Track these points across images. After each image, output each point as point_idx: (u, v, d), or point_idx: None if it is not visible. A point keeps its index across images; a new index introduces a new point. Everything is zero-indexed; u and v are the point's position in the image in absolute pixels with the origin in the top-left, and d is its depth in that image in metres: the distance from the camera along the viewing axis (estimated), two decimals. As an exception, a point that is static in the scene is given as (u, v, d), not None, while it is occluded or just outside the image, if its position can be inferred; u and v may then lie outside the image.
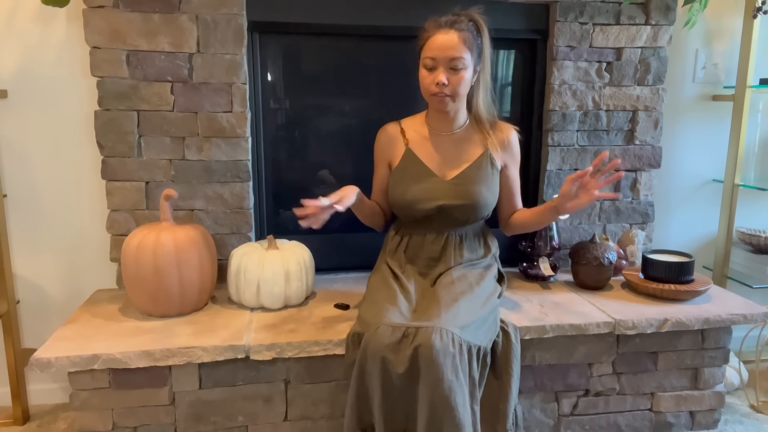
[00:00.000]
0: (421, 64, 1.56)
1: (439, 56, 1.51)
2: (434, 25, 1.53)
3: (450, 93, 1.54)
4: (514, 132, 1.70)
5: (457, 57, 1.50)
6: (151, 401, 1.50)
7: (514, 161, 1.71)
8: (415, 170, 1.63)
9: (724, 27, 2.17)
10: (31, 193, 1.86)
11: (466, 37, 1.51)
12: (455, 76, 1.52)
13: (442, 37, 1.50)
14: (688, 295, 1.77)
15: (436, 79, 1.52)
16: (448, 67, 1.51)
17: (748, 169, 2.24)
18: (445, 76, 1.51)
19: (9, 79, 1.78)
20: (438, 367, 1.26)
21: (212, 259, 1.71)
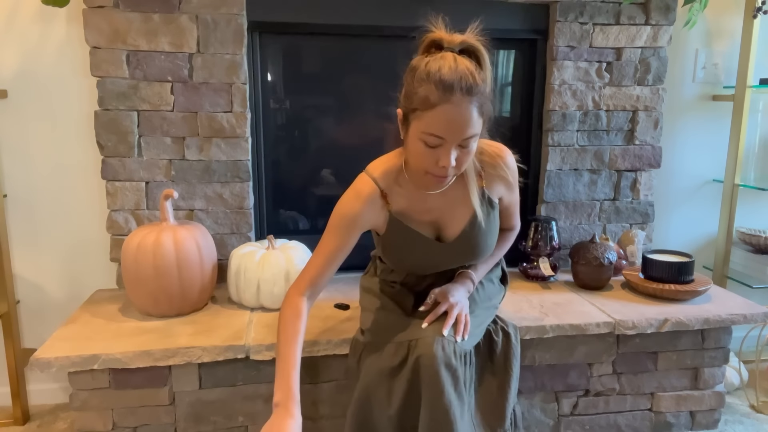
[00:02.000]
0: (416, 136, 1.16)
1: (450, 136, 1.14)
2: (445, 86, 1.11)
3: (454, 173, 1.23)
4: (508, 156, 1.37)
5: (471, 136, 1.15)
6: (151, 401, 1.50)
7: (513, 187, 1.41)
8: (406, 237, 1.35)
9: (724, 27, 2.17)
10: (31, 193, 1.86)
11: (482, 104, 1.15)
12: (464, 152, 1.18)
13: (455, 111, 1.11)
14: (688, 295, 1.77)
15: (443, 162, 1.16)
16: (458, 145, 1.16)
17: (748, 169, 2.24)
18: (453, 157, 1.16)
19: (9, 79, 1.78)
20: (439, 380, 1.22)
21: (212, 259, 1.71)
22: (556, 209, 2.08)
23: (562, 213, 2.09)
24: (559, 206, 2.08)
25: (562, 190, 2.07)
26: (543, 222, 1.95)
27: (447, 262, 1.41)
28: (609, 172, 2.09)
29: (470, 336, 1.37)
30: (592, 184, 2.09)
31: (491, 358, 1.48)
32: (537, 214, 2.09)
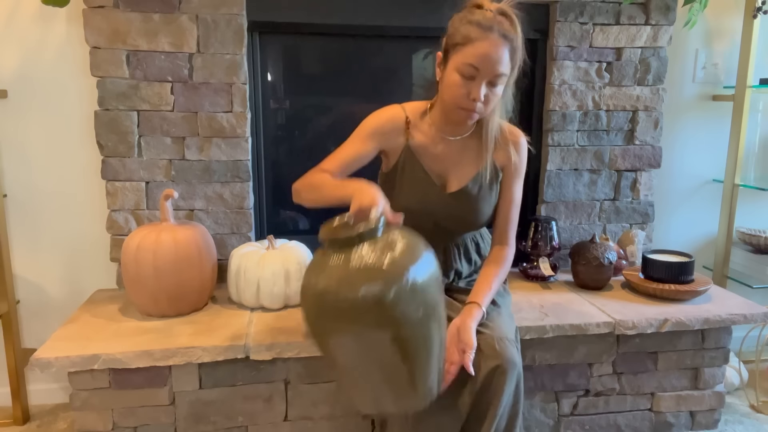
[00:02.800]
0: (454, 68, 1.31)
1: (483, 68, 1.28)
2: (484, 27, 1.28)
3: (481, 111, 1.34)
4: (523, 139, 1.50)
5: (501, 74, 1.30)
6: (151, 401, 1.50)
7: (514, 173, 1.50)
8: (412, 174, 1.45)
9: (724, 27, 2.17)
10: (31, 193, 1.86)
11: (514, 50, 1.31)
12: (493, 92, 1.33)
13: (491, 46, 1.27)
14: (688, 295, 1.77)
15: (474, 95, 1.30)
16: (488, 82, 1.31)
17: (748, 169, 2.24)
18: (483, 92, 1.30)
19: (9, 79, 1.78)
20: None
21: (212, 259, 1.71)
22: (556, 209, 2.08)
23: (562, 213, 2.09)
24: (559, 206, 2.08)
25: (562, 190, 2.07)
26: (543, 222, 1.95)
27: (441, 212, 1.45)
28: (609, 172, 2.09)
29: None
30: (592, 184, 2.09)
31: None
32: (537, 214, 2.09)
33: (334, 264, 1.04)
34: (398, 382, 1.09)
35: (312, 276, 1.07)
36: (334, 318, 1.03)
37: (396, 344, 1.04)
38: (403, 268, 1.03)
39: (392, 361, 1.05)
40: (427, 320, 1.07)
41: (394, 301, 1.00)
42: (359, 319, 1.01)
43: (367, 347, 1.05)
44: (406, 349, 1.05)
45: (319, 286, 1.04)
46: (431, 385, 1.13)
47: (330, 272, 1.03)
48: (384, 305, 1.00)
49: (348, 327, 1.03)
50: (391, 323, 1.02)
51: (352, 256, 1.03)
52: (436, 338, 1.10)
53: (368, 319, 1.01)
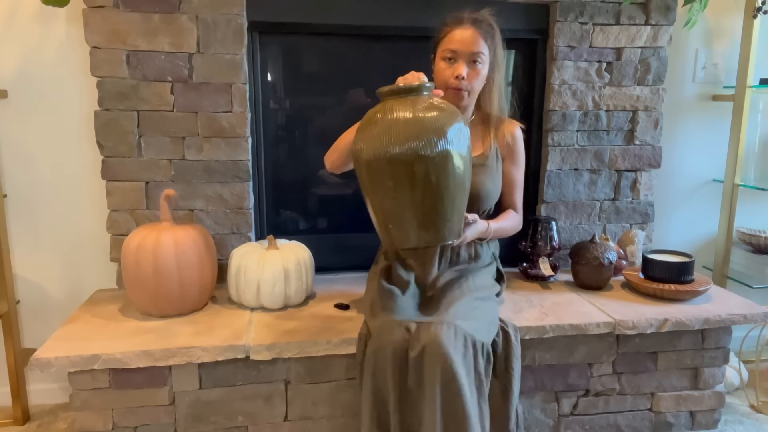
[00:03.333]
0: (439, 57, 1.58)
1: (460, 50, 1.54)
2: (455, 20, 1.57)
3: (467, 87, 1.56)
4: (518, 128, 1.72)
5: (477, 51, 1.54)
6: (151, 401, 1.50)
7: (514, 158, 1.72)
8: None
9: (724, 27, 2.17)
10: (31, 193, 1.86)
11: (486, 35, 1.56)
12: (474, 70, 1.55)
13: (463, 32, 1.54)
14: (688, 295, 1.77)
15: (456, 72, 1.54)
16: (468, 61, 1.54)
17: (748, 169, 2.24)
18: (465, 70, 1.54)
19: (9, 79, 1.78)
20: (447, 359, 1.26)
21: (212, 259, 1.71)
22: (556, 209, 2.08)
23: (562, 213, 2.09)
24: (559, 206, 2.08)
25: (562, 190, 2.07)
26: (543, 222, 1.95)
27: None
28: (609, 172, 2.09)
29: (484, 329, 1.41)
30: (592, 184, 2.09)
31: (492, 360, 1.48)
32: (537, 214, 2.09)
33: (390, 118, 1.26)
34: (431, 218, 1.31)
35: (370, 128, 1.29)
36: (392, 162, 1.25)
37: (436, 186, 1.27)
38: (448, 125, 1.27)
39: (429, 199, 1.28)
40: (462, 172, 1.31)
41: (441, 153, 1.25)
42: (411, 163, 1.24)
43: (412, 186, 1.27)
44: (444, 190, 1.29)
45: (378, 139, 1.26)
46: (455, 226, 1.36)
47: (387, 125, 1.26)
48: (433, 155, 1.25)
49: (403, 169, 1.25)
50: (436, 169, 1.26)
51: (408, 110, 1.27)
52: (464, 189, 1.35)
53: (419, 164, 1.24)
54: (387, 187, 1.28)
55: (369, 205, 1.37)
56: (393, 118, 1.26)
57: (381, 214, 1.34)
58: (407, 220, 1.31)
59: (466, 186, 1.36)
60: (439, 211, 1.30)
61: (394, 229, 1.34)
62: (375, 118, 1.29)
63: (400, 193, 1.28)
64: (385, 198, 1.30)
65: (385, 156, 1.24)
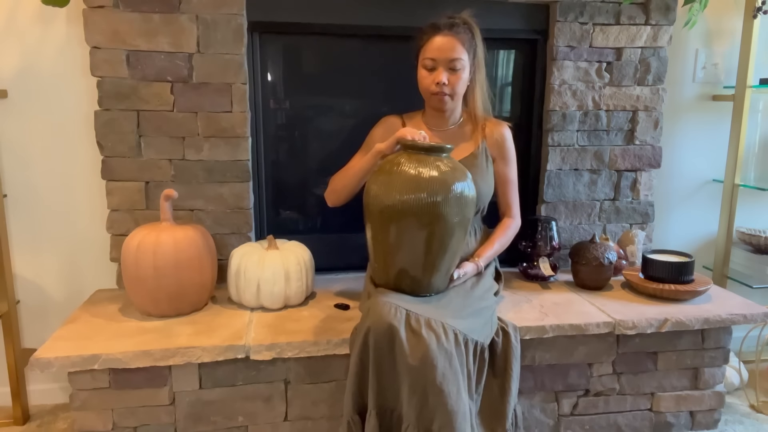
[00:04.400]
0: (421, 65, 1.62)
1: (439, 57, 1.57)
2: (433, 28, 1.60)
3: (449, 92, 1.60)
4: (506, 128, 1.74)
5: (456, 58, 1.57)
6: (151, 401, 1.50)
7: (505, 157, 1.74)
8: None
9: (724, 27, 2.17)
10: (31, 193, 1.86)
11: (464, 40, 1.59)
12: (454, 76, 1.59)
13: (441, 39, 1.57)
14: (688, 295, 1.77)
15: (437, 79, 1.58)
16: (448, 68, 1.58)
17: (748, 169, 2.24)
18: (445, 76, 1.58)
19: (9, 79, 1.78)
20: (430, 354, 1.27)
21: (212, 259, 1.70)
22: (556, 209, 2.08)
23: (562, 213, 2.09)
24: (559, 206, 2.08)
25: (562, 190, 2.07)
26: (543, 222, 1.95)
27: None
28: (609, 172, 2.09)
29: (479, 328, 1.42)
30: (592, 184, 2.09)
31: (492, 360, 1.48)
32: (537, 214, 2.09)
33: (404, 170, 1.38)
34: (421, 265, 1.41)
35: (384, 178, 1.40)
36: (398, 210, 1.36)
37: (432, 235, 1.37)
38: (454, 180, 1.38)
39: (423, 247, 1.38)
40: (459, 226, 1.40)
41: (443, 204, 1.35)
42: (416, 212, 1.35)
43: (411, 233, 1.37)
44: (438, 240, 1.38)
45: (390, 187, 1.37)
46: (442, 276, 1.47)
47: (400, 176, 1.37)
48: (436, 205, 1.35)
49: (405, 217, 1.36)
50: (435, 219, 1.36)
51: (419, 166, 1.38)
52: (458, 242, 1.44)
53: (422, 214, 1.35)
54: (390, 232, 1.38)
55: (369, 235, 1.47)
56: (415, 173, 1.37)
57: (377, 250, 1.45)
58: (393, 263, 1.42)
59: (464, 235, 1.46)
60: (430, 260, 1.40)
61: (380, 267, 1.45)
62: (395, 169, 1.39)
63: (396, 240, 1.39)
64: (384, 239, 1.41)
65: (400, 202, 1.35)
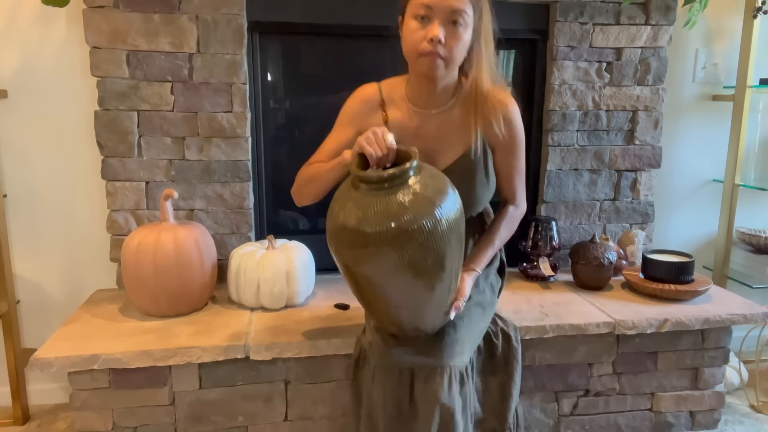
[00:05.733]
0: (410, 16, 1.25)
1: (437, 5, 1.21)
2: None
3: (444, 55, 1.24)
4: (512, 107, 1.39)
5: (459, 9, 1.21)
6: (151, 401, 1.50)
7: (511, 146, 1.40)
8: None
9: (724, 27, 2.17)
10: (31, 193, 1.86)
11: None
12: (453, 34, 1.23)
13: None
14: (688, 295, 1.77)
15: (431, 34, 1.21)
16: (447, 21, 1.23)
17: (748, 169, 2.24)
18: (442, 32, 1.22)
19: (9, 79, 1.78)
20: (447, 409, 1.22)
21: (212, 259, 1.71)
22: (556, 209, 2.08)
23: (562, 213, 2.09)
24: (559, 206, 2.08)
25: (562, 190, 2.07)
26: (543, 222, 1.95)
27: None
28: (609, 172, 2.09)
29: (473, 345, 1.37)
30: (592, 184, 2.09)
31: (492, 360, 1.47)
32: (537, 214, 2.09)
33: (365, 200, 1.11)
34: (415, 306, 1.19)
35: (345, 209, 1.14)
36: (364, 246, 1.10)
37: (416, 272, 1.12)
38: (431, 205, 1.10)
39: (411, 286, 1.14)
40: (434, 268, 1.14)
41: (403, 247, 1.09)
42: (387, 247, 1.09)
43: (390, 273, 1.12)
44: (426, 277, 1.14)
45: (353, 219, 1.11)
46: (441, 311, 1.23)
47: (362, 205, 1.11)
48: (394, 249, 1.09)
49: (376, 253, 1.10)
50: (400, 266, 1.10)
51: (384, 193, 1.11)
52: (452, 270, 1.18)
53: (394, 248, 1.09)
54: (367, 269, 1.15)
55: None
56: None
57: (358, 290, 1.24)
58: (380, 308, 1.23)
59: (458, 259, 1.21)
60: (425, 299, 1.19)
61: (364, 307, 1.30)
62: (354, 200, 1.14)
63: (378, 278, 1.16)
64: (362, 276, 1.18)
65: (365, 236, 1.10)
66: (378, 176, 1.11)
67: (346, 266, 1.18)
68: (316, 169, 1.38)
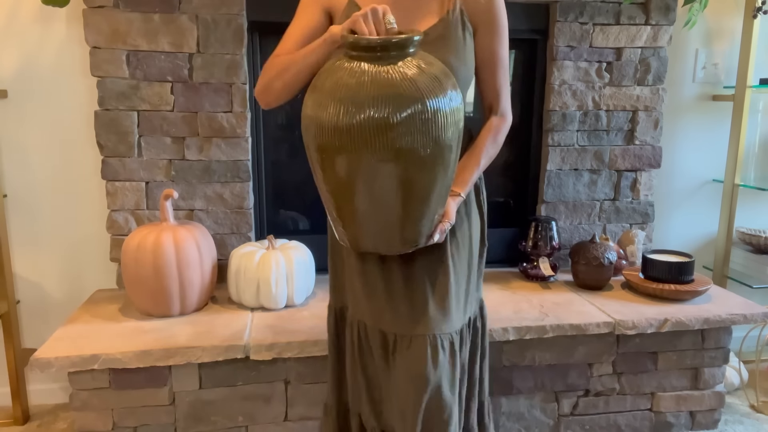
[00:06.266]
0: None
1: None
2: None
3: None
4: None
5: None
6: (151, 401, 1.50)
7: (492, 24, 1.20)
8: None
9: (724, 27, 2.17)
10: (31, 193, 1.86)
11: None
12: None
13: None
14: (688, 295, 1.77)
15: None
16: None
17: (748, 169, 2.24)
18: None
19: (9, 79, 1.78)
20: (434, 381, 1.16)
21: (212, 259, 1.71)
22: (556, 209, 2.08)
23: (562, 213, 2.09)
24: (559, 206, 2.08)
25: (562, 190, 2.07)
26: (543, 222, 1.95)
27: None
28: (609, 172, 2.09)
29: (470, 304, 1.26)
30: (592, 184, 2.09)
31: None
32: (537, 214, 2.09)
33: (361, 68, 0.94)
34: (386, 219, 1.01)
35: (332, 78, 0.96)
36: (338, 135, 0.93)
37: (393, 177, 0.96)
38: (419, 93, 0.92)
39: (387, 195, 0.98)
40: (434, 161, 0.96)
41: (402, 128, 0.91)
42: (363, 140, 0.92)
43: (365, 173, 0.96)
44: (404, 185, 0.97)
45: (342, 90, 0.94)
46: (420, 232, 1.05)
47: (356, 73, 0.94)
48: (390, 129, 0.91)
49: (350, 146, 0.93)
50: (394, 152, 0.93)
51: (384, 63, 0.95)
52: (438, 184, 1.00)
53: (372, 142, 0.92)
54: (338, 164, 0.97)
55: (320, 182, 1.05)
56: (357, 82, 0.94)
57: (328, 202, 1.06)
58: (357, 220, 1.04)
59: (448, 173, 1.03)
60: (401, 213, 1.01)
61: (340, 227, 1.08)
62: (336, 72, 0.97)
63: (342, 183, 0.99)
64: (329, 181, 1.01)
65: (340, 123, 0.93)
66: (383, 41, 0.95)
67: (324, 151, 0.97)
68: (290, 58, 1.17)
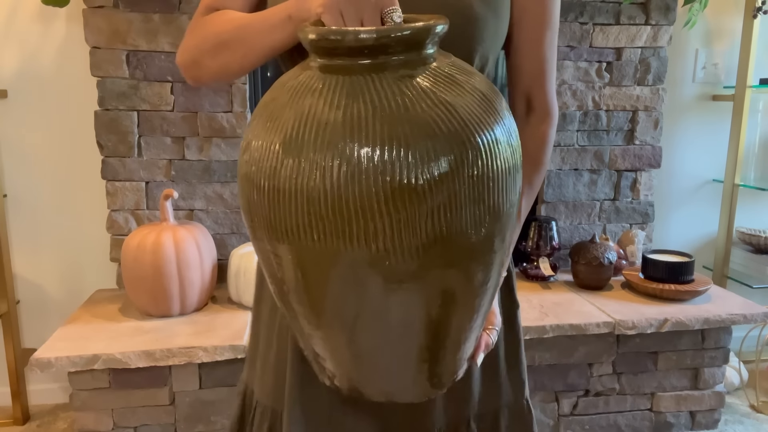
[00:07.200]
0: None
1: None
2: None
3: None
4: None
5: None
6: (151, 401, 1.50)
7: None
8: None
9: (724, 27, 2.17)
10: (31, 193, 1.86)
11: None
12: None
13: None
14: (688, 295, 1.77)
15: None
16: None
17: (748, 169, 2.24)
18: None
19: (9, 79, 1.78)
20: None
21: (212, 259, 1.71)
22: (556, 209, 2.08)
23: (562, 213, 2.09)
24: (559, 206, 2.08)
25: (562, 190, 2.07)
26: (543, 222, 1.95)
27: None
28: (609, 172, 2.09)
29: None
30: (592, 184, 2.09)
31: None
32: (537, 214, 2.09)
33: (325, 99, 0.53)
34: (406, 354, 0.59)
35: (282, 114, 0.56)
36: (315, 221, 0.51)
37: (424, 290, 0.54)
38: (462, 126, 0.51)
39: (410, 319, 0.56)
40: (489, 247, 0.55)
41: (437, 196, 0.50)
42: (364, 228, 0.50)
43: (373, 288, 0.54)
44: (443, 297, 0.55)
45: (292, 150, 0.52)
46: (459, 362, 0.63)
47: (315, 114, 0.53)
48: (417, 199, 0.50)
49: (338, 242, 0.51)
50: (425, 245, 0.51)
51: (363, 88, 0.52)
52: (492, 282, 0.59)
53: (381, 231, 0.50)
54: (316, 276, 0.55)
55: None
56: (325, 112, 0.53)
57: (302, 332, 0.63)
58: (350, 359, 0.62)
59: (506, 256, 0.64)
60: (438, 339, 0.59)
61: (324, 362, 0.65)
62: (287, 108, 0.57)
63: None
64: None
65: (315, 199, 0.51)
66: (383, 35, 0.52)
67: (287, 249, 0.54)
68: (232, 27, 0.72)
